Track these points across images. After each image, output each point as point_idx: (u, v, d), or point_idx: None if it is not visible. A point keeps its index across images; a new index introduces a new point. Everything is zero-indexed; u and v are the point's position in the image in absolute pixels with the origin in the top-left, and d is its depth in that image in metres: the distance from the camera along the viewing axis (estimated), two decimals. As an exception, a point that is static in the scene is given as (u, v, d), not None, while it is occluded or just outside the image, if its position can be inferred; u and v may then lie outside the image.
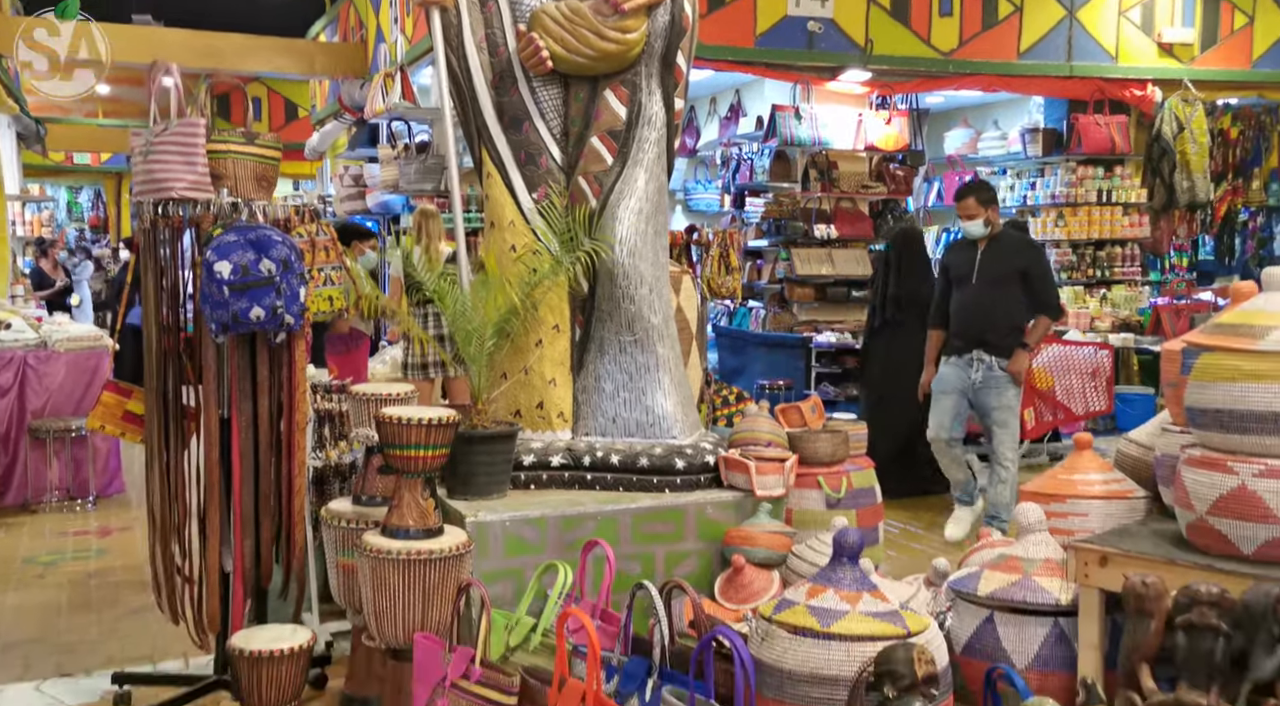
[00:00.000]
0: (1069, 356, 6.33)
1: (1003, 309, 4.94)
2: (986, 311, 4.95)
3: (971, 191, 5.00)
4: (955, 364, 4.98)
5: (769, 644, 2.43)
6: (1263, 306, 2.33)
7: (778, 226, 8.41)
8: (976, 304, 4.94)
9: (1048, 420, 6.15)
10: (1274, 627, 2.04)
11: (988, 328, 4.93)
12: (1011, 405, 4.95)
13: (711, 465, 3.52)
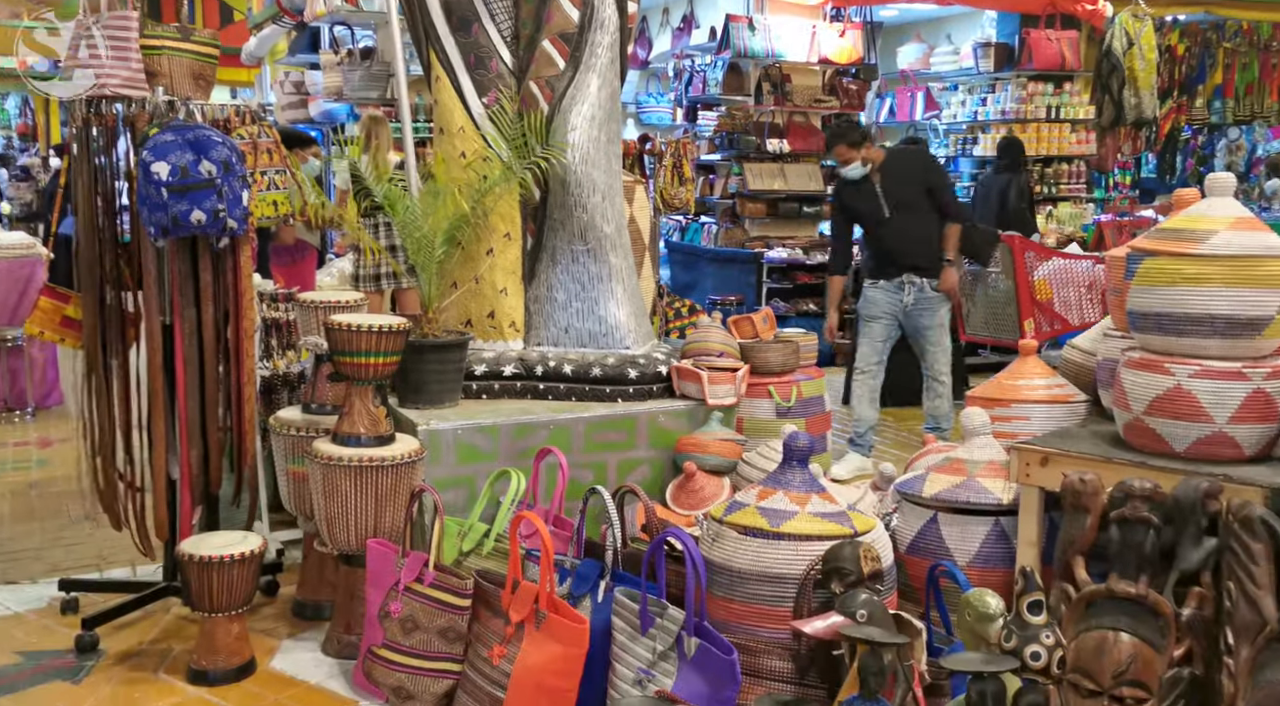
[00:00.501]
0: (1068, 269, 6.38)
1: (922, 230, 4.88)
2: (908, 236, 4.88)
3: (839, 138, 4.85)
4: (885, 288, 4.90)
5: (719, 544, 2.48)
6: (1205, 211, 2.37)
7: (730, 140, 8.33)
8: (897, 232, 4.84)
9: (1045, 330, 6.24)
10: (1201, 520, 2.12)
11: (915, 252, 4.87)
12: (944, 323, 4.96)
13: (664, 375, 3.54)
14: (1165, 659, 2.09)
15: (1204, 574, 2.13)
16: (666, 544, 2.52)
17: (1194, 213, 2.39)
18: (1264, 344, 2.29)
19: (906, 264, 4.86)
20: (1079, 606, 2.20)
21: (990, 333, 6.99)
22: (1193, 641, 2.10)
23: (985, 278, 7.08)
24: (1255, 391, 2.25)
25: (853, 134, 4.88)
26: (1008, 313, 7.01)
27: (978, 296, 7.36)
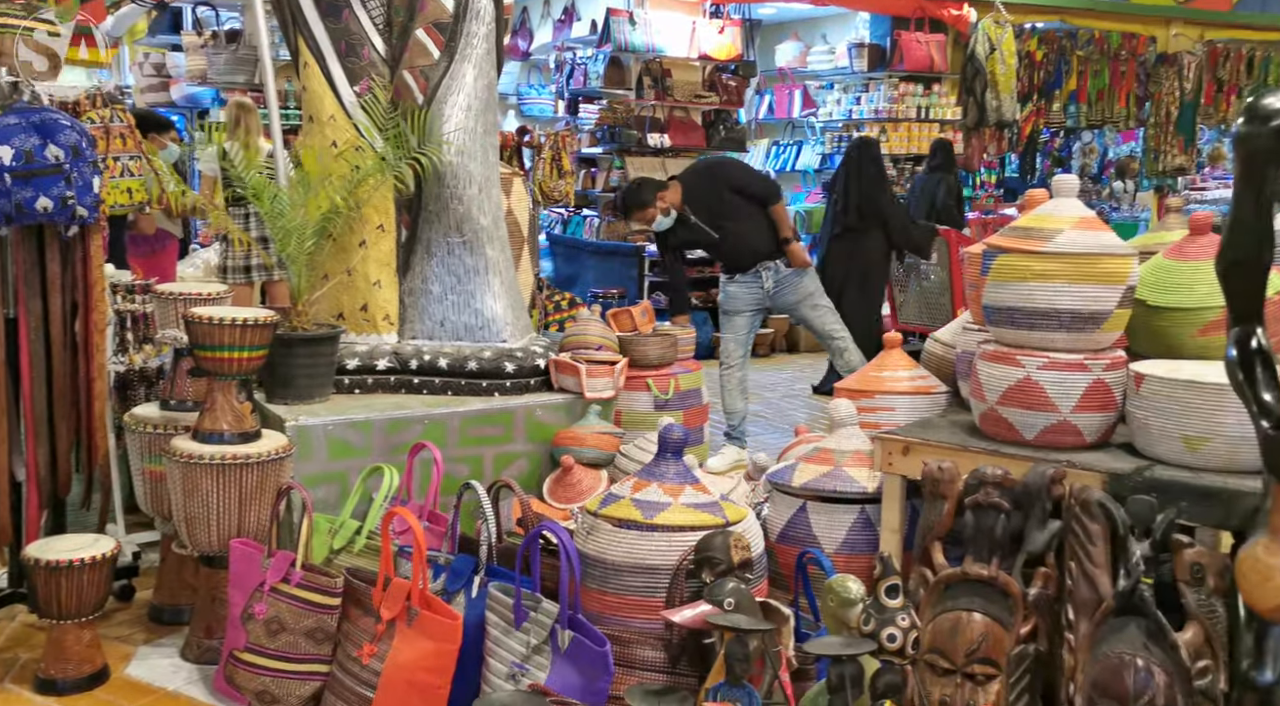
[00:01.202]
0: None
1: (755, 227, 4.92)
2: (745, 240, 4.94)
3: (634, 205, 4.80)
4: (742, 281, 4.96)
5: (594, 537, 2.49)
6: (1052, 211, 2.50)
7: (612, 134, 8.36)
8: (733, 242, 4.93)
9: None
10: (1046, 504, 2.23)
11: (758, 249, 4.93)
12: (811, 290, 5.01)
13: (542, 368, 3.53)
14: (1013, 636, 2.20)
15: (1049, 555, 2.24)
16: (541, 538, 2.52)
17: (1042, 212, 2.51)
18: (1104, 337, 2.43)
19: (758, 259, 4.94)
20: (936, 589, 2.29)
21: (924, 322, 7.23)
22: (1038, 619, 2.21)
23: (918, 269, 7.31)
24: (1096, 381, 2.38)
25: (643, 194, 4.82)
26: (941, 303, 7.26)
27: (911, 287, 7.61)
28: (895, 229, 6.34)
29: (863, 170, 6.19)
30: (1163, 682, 2.00)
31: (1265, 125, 1.68)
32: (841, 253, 6.42)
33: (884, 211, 5.73)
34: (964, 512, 2.28)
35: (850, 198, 6.28)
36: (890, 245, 6.52)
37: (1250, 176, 1.73)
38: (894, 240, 6.42)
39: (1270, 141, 1.69)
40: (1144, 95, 10.84)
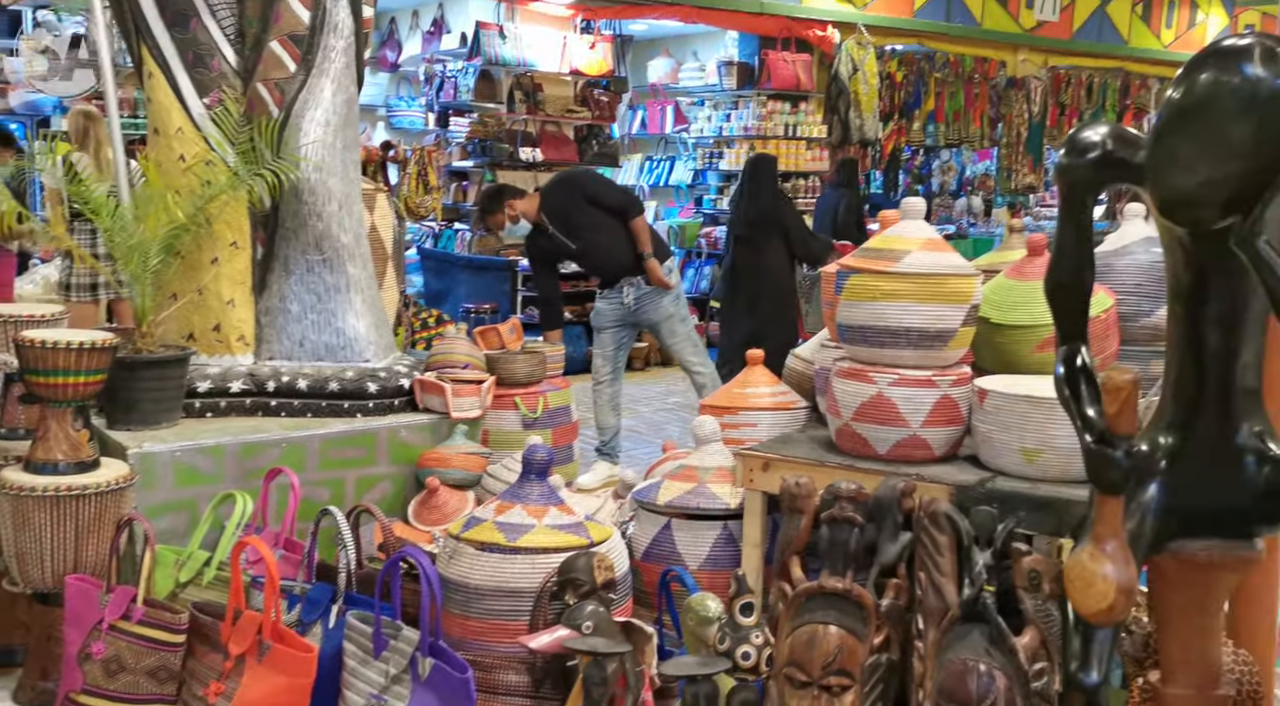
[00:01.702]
0: None
1: (612, 241, 4.94)
2: (603, 252, 4.98)
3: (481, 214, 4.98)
4: (607, 296, 5.00)
5: (456, 561, 2.45)
6: (901, 232, 2.60)
7: (483, 147, 8.30)
8: (592, 254, 4.97)
9: None
10: (898, 517, 2.31)
11: (618, 263, 4.96)
12: (672, 312, 4.99)
13: (406, 388, 3.46)
14: (867, 647, 2.26)
15: (900, 566, 2.32)
16: (403, 563, 2.46)
17: (891, 234, 2.60)
18: (950, 354, 2.53)
19: (619, 273, 4.97)
20: (794, 603, 2.34)
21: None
22: (891, 629, 2.28)
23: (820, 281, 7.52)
24: (943, 397, 2.48)
25: (490, 200, 4.89)
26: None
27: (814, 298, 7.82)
28: (795, 240, 6.55)
29: (756, 184, 6.37)
30: (1003, 686, 2.09)
31: (1083, 157, 1.79)
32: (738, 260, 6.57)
33: (784, 223, 5.92)
34: (820, 527, 2.34)
35: (744, 211, 6.44)
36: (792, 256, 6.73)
37: (1071, 205, 1.84)
38: (794, 251, 6.61)
39: (1088, 172, 1.79)
40: (996, 116, 11.40)
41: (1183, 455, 1.86)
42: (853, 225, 8.75)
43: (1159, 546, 1.89)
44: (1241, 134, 1.53)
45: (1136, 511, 1.87)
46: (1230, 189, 1.57)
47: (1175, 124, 1.59)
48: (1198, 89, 1.57)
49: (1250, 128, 1.53)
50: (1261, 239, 1.59)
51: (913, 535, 2.30)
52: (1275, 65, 1.53)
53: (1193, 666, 1.94)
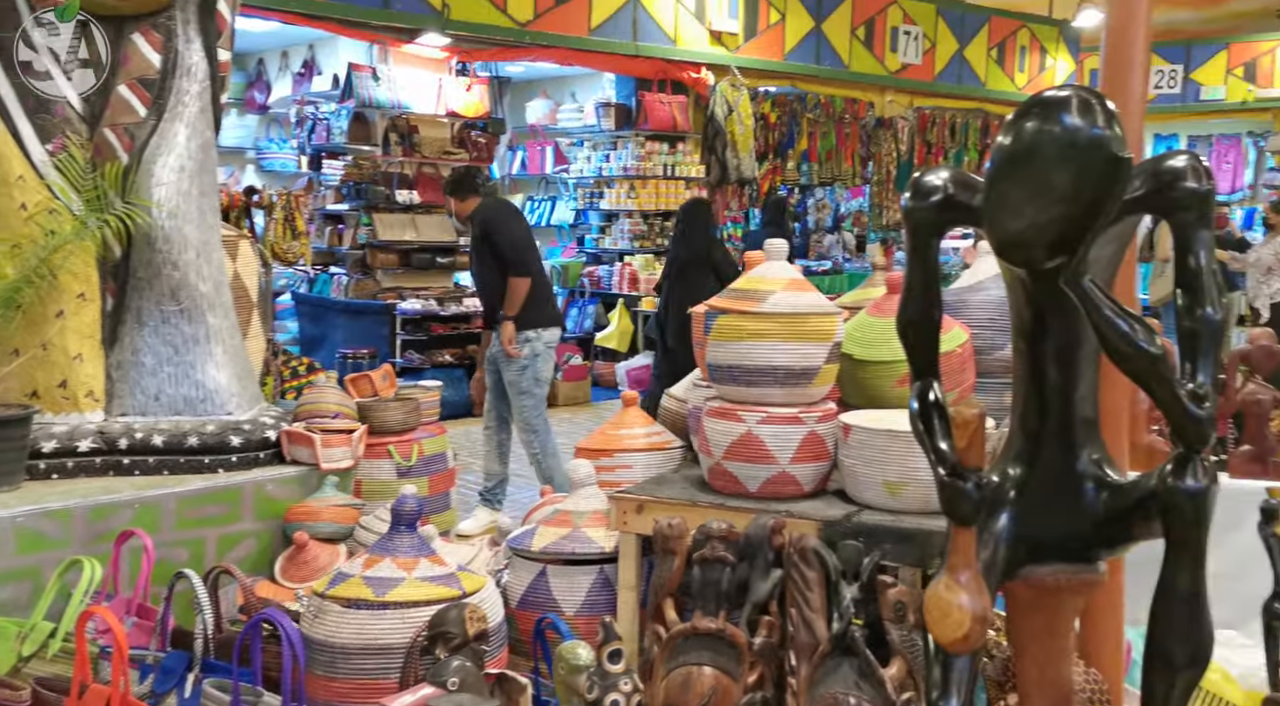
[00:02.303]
0: None
1: (491, 282, 4.95)
2: (482, 290, 5.00)
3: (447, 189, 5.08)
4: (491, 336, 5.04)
5: (322, 620, 2.36)
6: (765, 274, 2.65)
7: (358, 190, 8.16)
8: (476, 285, 5.00)
9: None
10: (768, 554, 2.34)
11: (489, 306, 4.97)
12: (514, 380, 4.91)
13: (272, 440, 3.34)
14: (741, 686, 2.27)
15: (772, 603, 2.34)
16: (265, 624, 2.36)
17: (755, 275, 2.65)
18: (815, 391, 2.58)
19: (490, 317, 4.96)
20: (669, 645, 2.33)
21: None
22: (764, 667, 2.30)
23: None
24: (810, 433, 2.53)
25: (454, 184, 5.01)
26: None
27: None
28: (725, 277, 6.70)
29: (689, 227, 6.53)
30: (873, 717, 2.12)
31: (926, 200, 1.86)
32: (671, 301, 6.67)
33: (714, 261, 6.17)
34: (692, 567, 2.35)
35: (679, 252, 6.56)
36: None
37: (917, 246, 1.91)
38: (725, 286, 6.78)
39: (930, 215, 1.86)
40: (866, 155, 11.82)
41: (1029, 484, 1.93)
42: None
43: (1011, 573, 1.95)
44: (1063, 180, 1.62)
45: (990, 540, 1.93)
46: (1056, 231, 1.65)
47: (1005, 170, 1.67)
48: (1024, 137, 1.65)
49: (1070, 174, 1.61)
50: (1086, 278, 1.67)
51: (783, 572, 2.33)
52: (1091, 115, 1.62)
53: (1047, 687, 2.00)
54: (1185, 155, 1.73)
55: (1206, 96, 14.52)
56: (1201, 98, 14.58)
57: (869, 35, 11.38)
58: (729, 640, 2.28)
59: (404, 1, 7.67)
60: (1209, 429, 1.68)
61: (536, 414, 4.97)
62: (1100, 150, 1.61)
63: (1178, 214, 1.71)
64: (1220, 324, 1.68)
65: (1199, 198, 1.69)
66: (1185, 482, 1.71)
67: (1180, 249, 1.72)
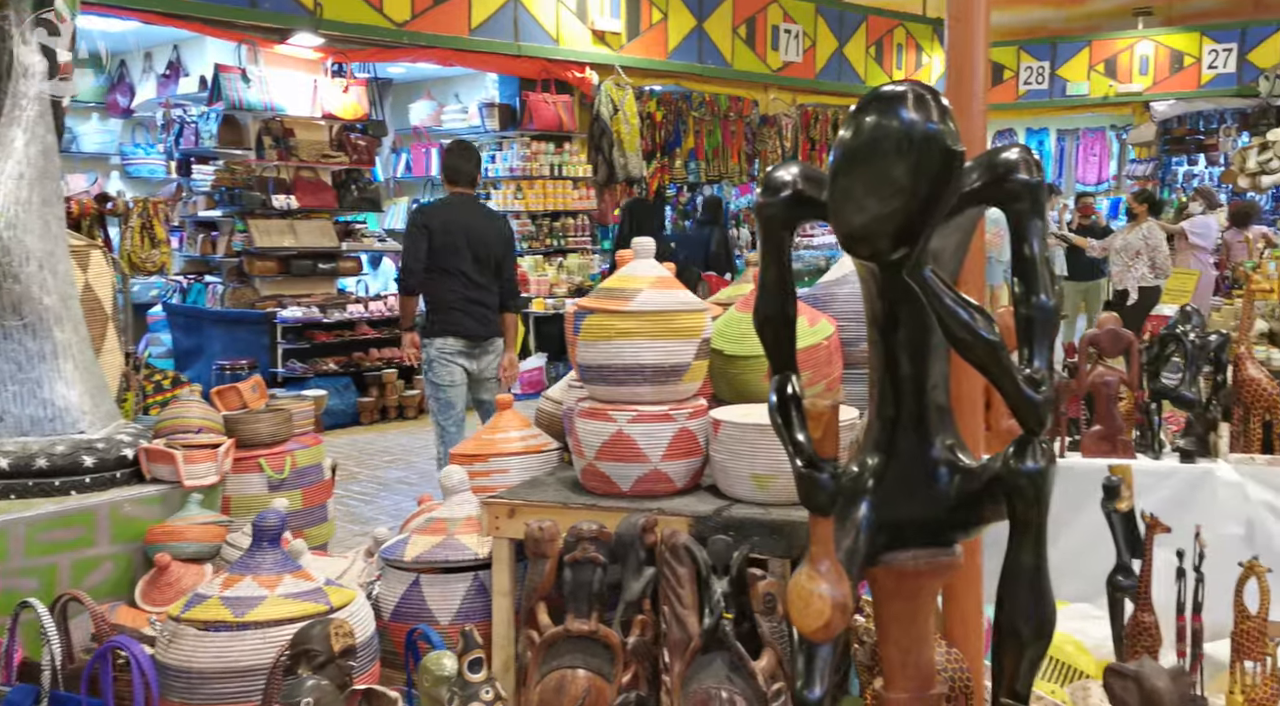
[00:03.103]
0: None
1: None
2: None
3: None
4: None
5: (177, 645, 2.26)
6: (633, 271, 2.64)
7: (232, 196, 7.88)
8: None
9: None
10: (640, 553, 2.33)
11: None
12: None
13: (130, 459, 3.19)
14: (615, 687, 2.26)
15: (646, 601, 2.34)
16: (118, 652, 2.25)
17: (625, 273, 2.64)
18: (685, 388, 2.59)
19: None
20: (541, 649, 2.31)
21: None
22: (639, 666, 2.29)
23: None
24: (681, 430, 2.53)
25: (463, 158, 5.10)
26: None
27: None
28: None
29: (635, 224, 6.55)
30: (745, 710, 2.14)
31: (776, 196, 1.87)
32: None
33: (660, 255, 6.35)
34: (564, 569, 2.32)
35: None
36: None
37: (769, 242, 1.92)
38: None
39: (781, 210, 1.88)
40: (752, 152, 11.99)
41: (887, 472, 1.97)
42: (724, 257, 9.58)
43: (872, 560, 1.98)
44: (900, 173, 1.65)
45: (851, 529, 1.96)
46: (897, 223, 1.68)
47: (846, 165, 1.70)
48: (863, 132, 1.68)
49: (908, 167, 1.64)
50: (927, 268, 1.71)
51: (656, 570, 2.33)
52: (926, 110, 1.66)
53: (909, 670, 2.04)
54: (1018, 148, 1.78)
55: (1072, 92, 15.20)
56: (1068, 93, 15.24)
57: (750, 34, 11.55)
58: (602, 641, 2.27)
59: (273, 0, 7.45)
60: (1046, 412, 1.74)
61: (439, 418, 5.03)
62: (935, 144, 1.65)
63: (1012, 204, 1.76)
64: (1054, 310, 1.74)
65: (1030, 188, 1.75)
66: (1025, 464, 1.77)
67: (1015, 238, 1.77)
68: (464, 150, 5.15)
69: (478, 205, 5.29)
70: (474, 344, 4.98)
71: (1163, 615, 2.26)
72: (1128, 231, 8.66)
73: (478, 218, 5.07)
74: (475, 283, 4.95)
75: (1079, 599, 2.73)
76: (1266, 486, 2.75)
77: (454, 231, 4.91)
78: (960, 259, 1.98)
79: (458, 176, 5.08)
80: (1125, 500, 2.19)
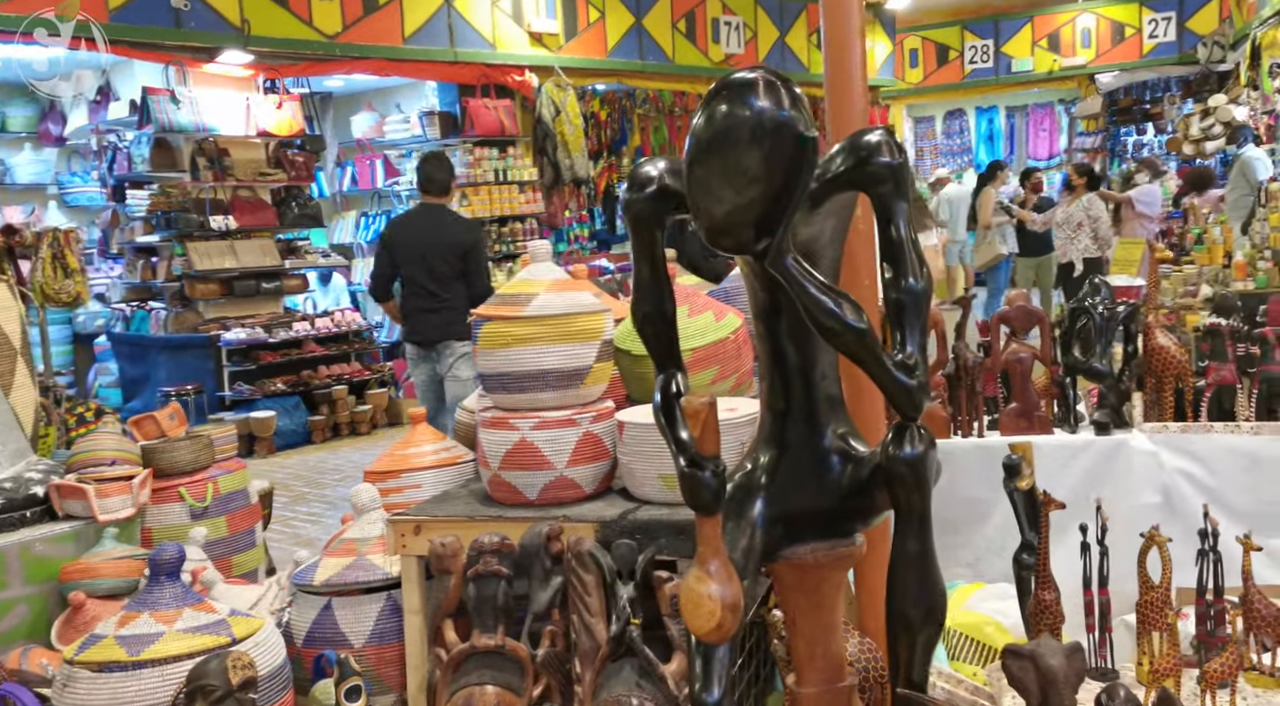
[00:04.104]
0: None
1: None
2: None
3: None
4: None
5: (72, 689, 2.19)
6: (529, 276, 2.59)
7: (168, 220, 7.76)
8: None
9: None
10: (547, 562, 2.28)
11: None
12: None
13: (40, 496, 3.11)
14: (526, 700, 2.21)
15: (555, 612, 2.29)
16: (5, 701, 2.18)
17: (521, 278, 2.59)
18: (589, 391, 2.54)
19: None
20: (450, 667, 2.26)
21: None
22: (550, 677, 2.25)
23: None
24: (585, 434, 2.49)
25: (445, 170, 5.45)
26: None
27: None
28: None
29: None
30: (657, 716, 2.09)
31: (642, 191, 1.83)
32: None
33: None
34: (469, 584, 2.27)
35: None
36: None
37: (640, 239, 1.88)
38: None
39: (648, 206, 1.84)
40: (701, 147, 11.94)
41: (780, 466, 1.93)
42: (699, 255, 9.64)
43: (772, 555, 1.95)
44: (754, 162, 1.60)
45: (747, 527, 1.92)
46: (756, 213, 1.64)
47: (700, 156, 1.65)
48: (715, 122, 1.63)
49: (761, 155, 1.60)
50: (788, 256, 1.67)
51: (563, 578, 2.28)
52: (776, 96, 1.62)
53: (818, 662, 2.00)
54: (879, 130, 1.75)
55: (1017, 68, 15.29)
56: (1013, 70, 15.34)
57: (690, 28, 11.52)
58: (509, 655, 2.22)
59: (200, 19, 7.34)
60: (921, 397, 1.70)
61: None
62: (787, 131, 1.61)
63: (875, 187, 1.73)
64: (923, 293, 1.71)
65: (893, 170, 1.71)
66: (904, 450, 1.74)
67: (881, 221, 1.74)
68: (437, 161, 5.49)
69: (443, 214, 5.49)
70: (429, 348, 5.29)
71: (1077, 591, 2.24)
72: (1068, 204, 8.70)
73: (439, 226, 5.33)
74: (428, 290, 5.25)
75: (1000, 579, 2.71)
76: (1180, 453, 2.74)
77: (411, 243, 5.28)
78: (839, 245, 1.95)
79: (430, 186, 5.42)
80: (1027, 478, 2.16)
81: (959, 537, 2.88)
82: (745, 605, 1.86)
